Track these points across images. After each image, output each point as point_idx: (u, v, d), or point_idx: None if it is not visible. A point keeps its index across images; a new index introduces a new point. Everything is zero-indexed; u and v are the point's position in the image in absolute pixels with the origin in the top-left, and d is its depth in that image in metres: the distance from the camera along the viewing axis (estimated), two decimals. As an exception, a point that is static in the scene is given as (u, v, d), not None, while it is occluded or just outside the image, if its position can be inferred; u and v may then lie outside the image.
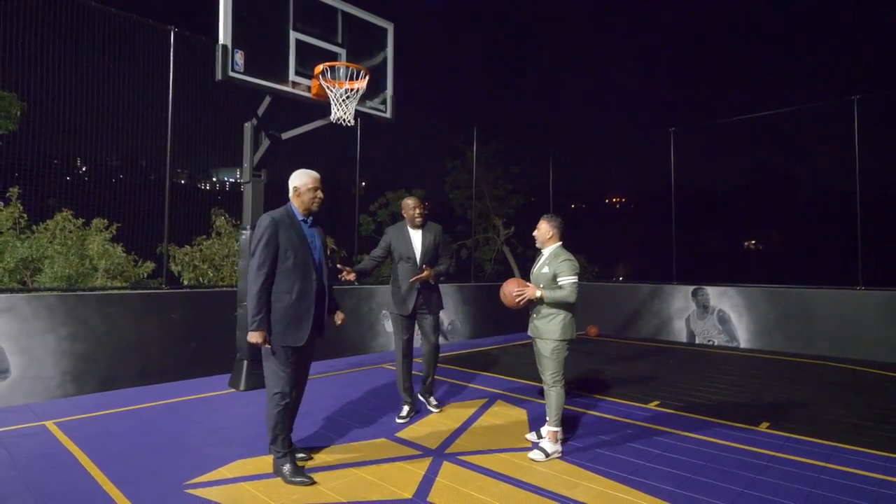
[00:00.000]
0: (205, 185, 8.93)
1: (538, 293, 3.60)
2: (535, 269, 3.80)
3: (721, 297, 8.75)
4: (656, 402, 4.97)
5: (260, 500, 2.85)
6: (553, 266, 3.64)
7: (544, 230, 3.77)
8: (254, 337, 3.05)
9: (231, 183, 9.31)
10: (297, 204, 3.21)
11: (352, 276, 3.96)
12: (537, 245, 3.83)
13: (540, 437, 3.75)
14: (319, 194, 3.22)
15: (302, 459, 3.36)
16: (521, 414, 4.57)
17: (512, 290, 3.68)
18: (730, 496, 2.97)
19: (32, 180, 6.34)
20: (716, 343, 8.72)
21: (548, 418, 3.61)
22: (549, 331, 3.61)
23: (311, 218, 3.26)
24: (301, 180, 3.20)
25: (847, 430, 4.20)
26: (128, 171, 7.14)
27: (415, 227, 4.45)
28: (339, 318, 3.46)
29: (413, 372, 4.55)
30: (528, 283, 3.71)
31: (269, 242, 3.06)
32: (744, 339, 8.47)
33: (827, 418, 4.52)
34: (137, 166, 7.07)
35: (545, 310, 3.64)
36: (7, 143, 6.80)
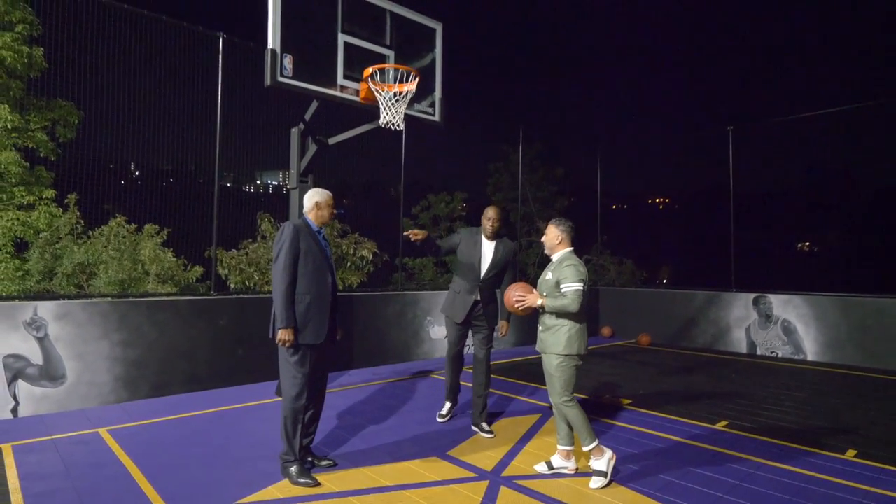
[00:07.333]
0: (249, 188, 9.06)
1: (539, 301, 3.37)
2: (542, 276, 3.55)
3: (786, 306, 8.19)
4: (724, 423, 4.61)
5: (311, 523, 2.72)
6: (557, 272, 3.37)
7: (552, 235, 3.48)
8: (284, 334, 3.19)
9: (274, 186, 9.41)
10: (313, 217, 3.47)
11: (421, 235, 3.94)
12: (546, 251, 3.56)
13: (551, 467, 3.48)
14: (333, 210, 3.58)
15: (327, 467, 3.46)
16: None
17: (514, 294, 3.47)
18: (827, 539, 2.65)
19: (89, 187, 6.52)
20: (780, 355, 8.17)
21: (581, 441, 3.31)
22: (553, 344, 3.34)
23: (323, 230, 3.53)
24: (322, 197, 3.49)
25: (950, 461, 3.75)
26: (178, 176, 7.26)
27: (488, 237, 4.24)
28: (338, 333, 3.58)
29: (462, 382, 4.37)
30: (533, 290, 3.49)
31: (291, 246, 3.28)
32: (811, 351, 7.89)
33: (923, 446, 4.07)
34: (186, 170, 7.17)
35: (549, 320, 3.39)
36: (66, 150, 7.05)
